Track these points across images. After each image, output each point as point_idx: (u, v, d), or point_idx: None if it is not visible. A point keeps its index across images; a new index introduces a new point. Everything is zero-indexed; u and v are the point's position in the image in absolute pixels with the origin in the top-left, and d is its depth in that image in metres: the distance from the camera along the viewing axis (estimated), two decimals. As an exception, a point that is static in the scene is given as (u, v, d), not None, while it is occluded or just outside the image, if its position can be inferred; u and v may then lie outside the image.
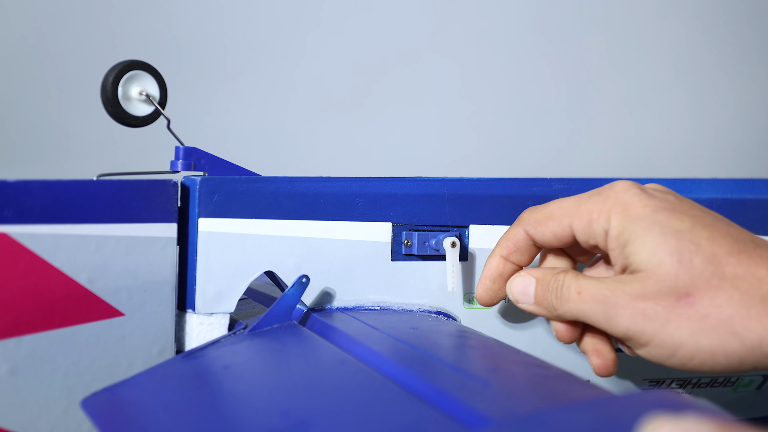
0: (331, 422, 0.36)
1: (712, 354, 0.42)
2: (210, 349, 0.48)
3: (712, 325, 0.42)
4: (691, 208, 0.46)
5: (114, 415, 0.41)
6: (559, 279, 0.48)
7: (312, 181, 0.54)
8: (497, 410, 0.35)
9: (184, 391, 0.45)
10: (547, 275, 0.49)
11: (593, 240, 0.47)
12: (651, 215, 0.44)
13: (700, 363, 0.43)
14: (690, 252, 0.43)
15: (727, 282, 0.42)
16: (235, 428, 0.36)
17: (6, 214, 0.45)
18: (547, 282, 0.49)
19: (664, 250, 0.43)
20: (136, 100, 0.54)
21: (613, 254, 0.46)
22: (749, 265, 0.42)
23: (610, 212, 0.46)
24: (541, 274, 0.50)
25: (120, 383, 0.44)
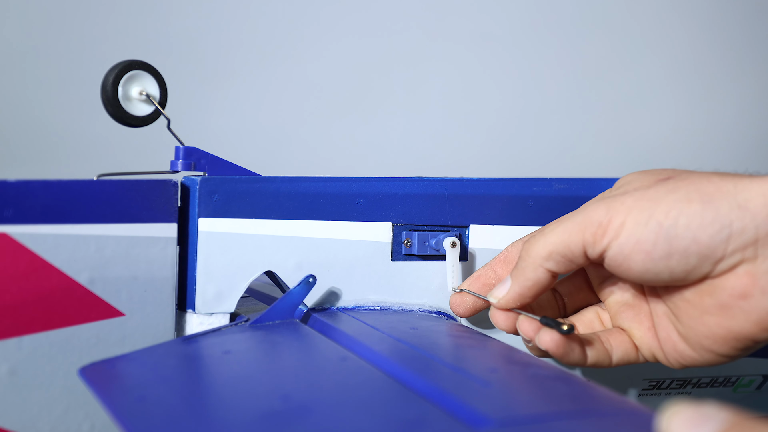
0: (332, 411, 0.36)
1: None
2: (211, 335, 0.49)
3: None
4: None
5: (112, 384, 0.41)
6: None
7: (312, 181, 0.54)
8: (497, 410, 0.35)
9: (183, 369, 0.45)
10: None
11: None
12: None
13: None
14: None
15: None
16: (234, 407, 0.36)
17: (6, 214, 0.45)
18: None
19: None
20: (136, 100, 0.54)
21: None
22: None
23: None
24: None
25: (119, 357, 0.44)
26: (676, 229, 0.43)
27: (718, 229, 0.42)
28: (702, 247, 0.42)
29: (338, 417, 0.35)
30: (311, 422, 0.35)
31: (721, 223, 0.42)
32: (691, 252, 0.43)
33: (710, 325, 0.44)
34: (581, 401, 0.38)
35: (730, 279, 0.43)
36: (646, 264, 0.44)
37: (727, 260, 0.42)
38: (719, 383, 0.62)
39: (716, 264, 0.43)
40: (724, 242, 0.42)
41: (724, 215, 0.42)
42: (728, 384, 0.62)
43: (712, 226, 0.42)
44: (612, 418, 0.35)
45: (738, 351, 0.45)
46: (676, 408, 0.29)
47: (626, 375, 0.60)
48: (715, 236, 0.42)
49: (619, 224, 0.44)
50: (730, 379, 0.62)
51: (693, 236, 0.42)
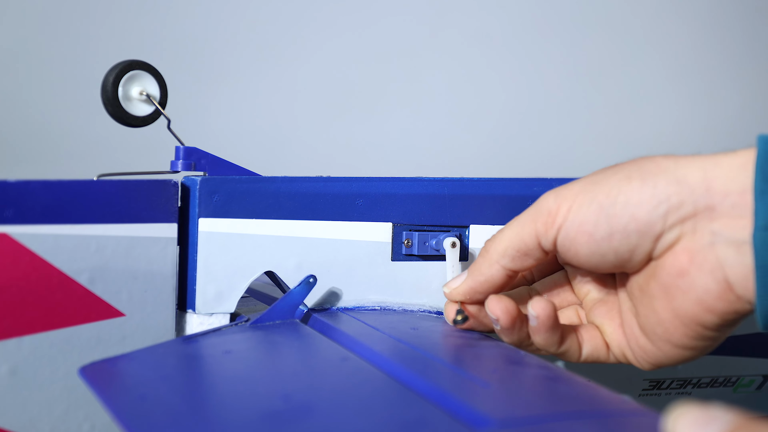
0: (333, 411, 0.36)
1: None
2: (211, 335, 0.49)
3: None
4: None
5: (112, 383, 0.41)
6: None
7: (312, 181, 0.54)
8: (497, 411, 0.35)
9: (183, 368, 0.45)
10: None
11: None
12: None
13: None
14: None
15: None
16: (235, 406, 0.36)
17: (6, 214, 0.45)
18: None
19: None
20: (136, 100, 0.54)
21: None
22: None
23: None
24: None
25: (119, 356, 0.44)
26: (614, 208, 0.43)
27: (655, 205, 0.42)
28: (641, 224, 0.42)
29: (339, 417, 0.35)
30: (312, 422, 0.35)
31: (659, 198, 0.42)
32: (631, 229, 0.43)
33: (658, 311, 0.44)
34: (582, 402, 0.38)
35: (669, 258, 0.43)
36: (590, 246, 0.44)
37: (667, 236, 0.42)
38: (719, 383, 0.62)
39: (656, 241, 0.43)
40: (662, 217, 0.42)
41: (662, 190, 0.42)
42: (728, 384, 0.62)
43: (650, 201, 0.42)
44: (612, 418, 0.35)
45: (692, 340, 0.44)
46: (681, 409, 0.29)
47: (626, 375, 0.60)
48: (652, 212, 0.42)
49: (566, 209, 0.45)
50: (730, 379, 0.62)
51: (631, 213, 0.42)
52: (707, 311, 0.42)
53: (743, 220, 0.41)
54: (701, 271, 0.42)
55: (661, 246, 0.43)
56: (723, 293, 0.41)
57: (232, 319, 0.52)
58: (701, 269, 0.42)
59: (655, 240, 0.43)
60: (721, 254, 0.41)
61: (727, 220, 0.41)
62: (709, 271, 0.41)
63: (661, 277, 0.43)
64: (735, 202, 0.41)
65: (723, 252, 0.41)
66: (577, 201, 0.44)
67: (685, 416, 0.29)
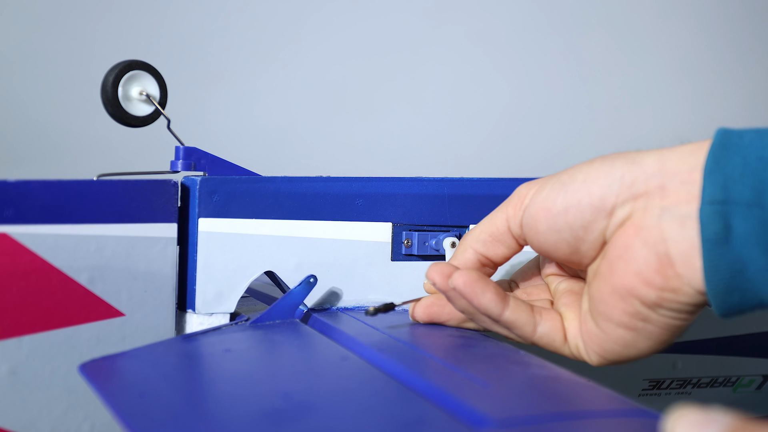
0: (333, 409, 0.36)
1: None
2: (211, 334, 0.49)
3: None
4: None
5: (112, 381, 0.41)
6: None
7: (312, 181, 0.54)
8: (497, 410, 0.35)
9: (183, 366, 0.45)
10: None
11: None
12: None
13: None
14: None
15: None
16: (235, 404, 0.36)
17: (6, 214, 0.45)
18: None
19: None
20: (136, 100, 0.54)
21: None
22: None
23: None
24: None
25: (119, 354, 0.44)
26: (573, 184, 0.45)
27: (610, 182, 0.44)
28: (594, 198, 0.44)
29: (338, 416, 0.35)
30: (311, 421, 0.35)
31: (614, 176, 0.44)
32: (585, 204, 0.44)
33: (601, 288, 0.45)
34: (582, 402, 0.38)
35: (619, 235, 0.44)
36: (548, 221, 0.45)
37: (618, 212, 0.44)
38: (719, 383, 0.62)
39: (609, 216, 0.44)
40: (615, 193, 0.44)
41: (618, 169, 0.44)
42: (728, 384, 0.62)
43: (605, 178, 0.44)
44: (612, 418, 0.35)
45: (631, 318, 0.44)
46: (681, 411, 0.29)
47: (626, 375, 0.60)
48: (606, 188, 0.44)
49: (534, 191, 0.47)
50: (730, 379, 0.62)
51: (587, 189, 0.44)
52: (644, 284, 0.43)
53: (690, 196, 0.42)
54: (644, 244, 0.43)
55: (613, 223, 0.44)
56: (662, 268, 0.42)
57: (232, 318, 0.52)
58: (645, 242, 0.43)
59: (608, 216, 0.44)
60: (666, 228, 0.42)
61: (675, 197, 0.42)
62: (652, 244, 0.43)
63: (609, 254, 0.45)
64: (684, 179, 0.42)
65: (668, 226, 0.42)
66: (544, 184, 0.47)
67: (684, 418, 0.29)
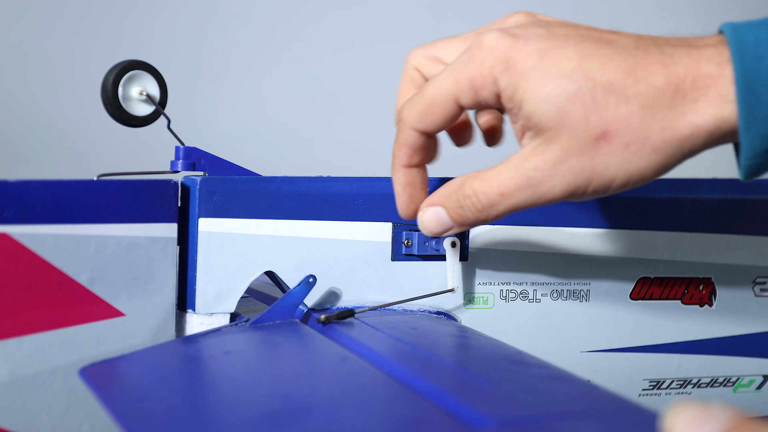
0: (333, 410, 0.36)
1: (642, 175, 0.43)
2: (211, 336, 0.49)
3: (635, 150, 0.42)
4: (566, 33, 0.44)
5: (112, 384, 0.41)
6: (466, 192, 0.46)
7: (312, 181, 0.54)
8: (497, 410, 0.35)
9: (183, 369, 0.45)
10: (451, 195, 0.46)
11: (487, 104, 0.45)
12: (537, 64, 0.42)
13: (634, 184, 0.43)
14: (590, 90, 0.42)
15: (633, 104, 0.42)
16: (234, 407, 0.36)
17: (7, 214, 0.45)
18: (457, 201, 0.46)
19: (565, 99, 0.42)
20: (136, 100, 0.54)
21: (512, 114, 0.44)
22: (646, 78, 0.42)
23: (493, 74, 0.43)
24: (444, 196, 0.47)
25: (119, 357, 0.44)
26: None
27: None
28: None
29: (339, 417, 0.35)
30: (312, 422, 0.35)
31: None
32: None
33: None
34: (581, 401, 0.38)
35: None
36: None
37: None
38: (719, 383, 0.62)
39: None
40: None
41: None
42: (728, 384, 0.62)
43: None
44: (613, 418, 0.35)
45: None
46: (679, 407, 0.29)
47: (626, 375, 0.60)
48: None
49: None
50: (730, 379, 0.62)
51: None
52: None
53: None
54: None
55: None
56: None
57: (231, 319, 0.52)
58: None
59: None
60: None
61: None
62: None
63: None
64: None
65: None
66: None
67: (683, 414, 0.29)
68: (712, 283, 0.61)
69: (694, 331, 0.61)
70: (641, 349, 0.60)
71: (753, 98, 0.41)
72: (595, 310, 0.59)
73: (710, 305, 0.61)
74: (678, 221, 0.60)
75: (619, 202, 0.58)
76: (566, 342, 0.58)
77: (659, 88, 0.42)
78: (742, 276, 0.61)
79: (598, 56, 0.42)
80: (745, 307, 0.62)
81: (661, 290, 0.60)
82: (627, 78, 0.42)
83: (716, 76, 0.41)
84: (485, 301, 0.57)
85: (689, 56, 0.42)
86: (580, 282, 0.58)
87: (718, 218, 0.60)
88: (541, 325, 0.58)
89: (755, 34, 0.41)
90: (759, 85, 0.41)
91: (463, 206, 0.46)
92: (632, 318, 0.59)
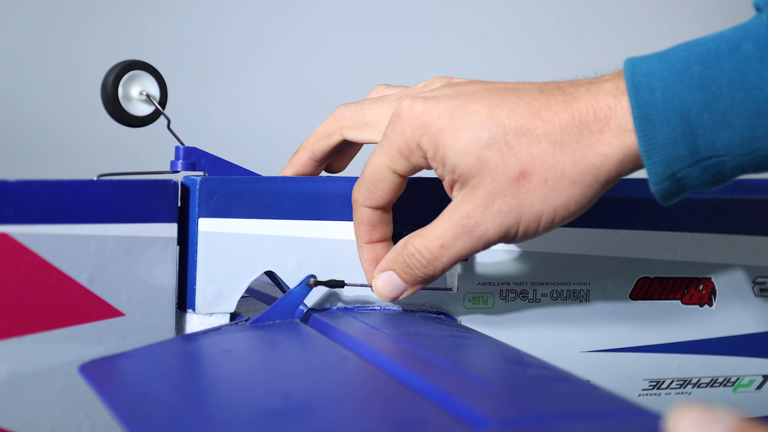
0: (333, 409, 0.36)
1: (566, 207, 0.46)
2: (211, 334, 0.49)
3: (553, 185, 0.45)
4: (473, 90, 0.47)
5: (112, 381, 0.41)
6: (410, 250, 0.49)
7: (312, 181, 0.54)
8: (497, 410, 0.35)
9: (183, 367, 0.45)
10: (398, 258, 0.49)
11: (420, 167, 0.48)
12: (450, 122, 0.46)
13: (561, 218, 0.46)
14: (502, 136, 0.45)
15: (543, 142, 0.45)
16: (234, 405, 0.36)
17: (6, 214, 0.45)
18: (403, 262, 0.49)
19: (481, 148, 0.45)
20: (136, 100, 0.54)
21: (438, 172, 0.47)
22: (551, 117, 0.45)
23: (415, 140, 0.47)
24: (391, 260, 0.50)
25: (119, 354, 0.44)
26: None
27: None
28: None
29: (338, 416, 0.35)
30: (311, 421, 0.35)
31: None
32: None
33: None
34: (581, 401, 0.38)
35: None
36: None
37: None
38: (719, 383, 0.62)
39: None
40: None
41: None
42: (728, 384, 0.62)
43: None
44: (613, 418, 0.35)
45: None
46: (683, 408, 0.29)
47: (626, 375, 0.60)
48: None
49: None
50: (730, 379, 0.62)
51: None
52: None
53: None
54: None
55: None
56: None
57: (231, 318, 0.52)
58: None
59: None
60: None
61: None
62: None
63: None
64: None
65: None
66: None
67: (686, 416, 0.29)
68: (712, 283, 0.61)
69: (694, 331, 0.61)
70: (641, 349, 0.60)
71: (650, 127, 0.43)
72: (595, 310, 0.59)
73: (710, 305, 0.61)
74: (678, 221, 0.60)
75: (619, 202, 0.58)
76: (566, 342, 0.58)
77: (565, 124, 0.45)
78: (742, 276, 0.61)
79: (505, 105, 0.46)
80: (745, 307, 0.62)
81: (661, 290, 0.60)
82: (534, 120, 0.45)
83: (614, 108, 0.44)
84: (485, 301, 0.57)
85: (588, 92, 0.45)
86: (580, 282, 0.58)
87: (718, 218, 0.60)
88: (541, 325, 0.58)
89: (648, 67, 0.44)
90: (654, 115, 0.43)
91: (410, 265, 0.49)
92: (632, 318, 0.59)
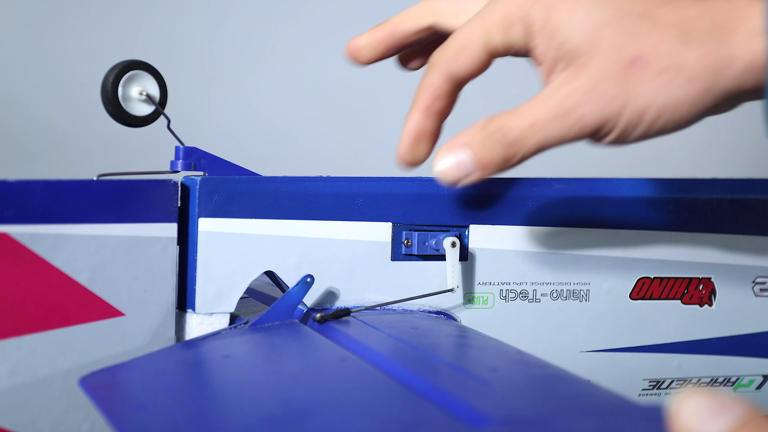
0: (333, 413, 0.36)
1: (675, 107, 0.41)
2: (211, 339, 0.49)
3: (670, 78, 0.41)
4: None
5: (112, 394, 0.41)
6: (493, 128, 0.43)
7: (312, 181, 0.54)
8: (497, 410, 0.35)
9: (183, 375, 0.45)
10: (479, 132, 0.44)
11: (515, 47, 0.44)
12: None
13: (666, 121, 0.42)
14: (623, 16, 0.41)
15: (667, 30, 0.41)
16: (234, 413, 0.36)
17: (6, 214, 0.45)
18: (481, 141, 0.43)
19: (598, 24, 0.41)
20: (136, 100, 0.54)
21: (540, 50, 0.43)
22: (681, 7, 0.41)
23: (523, 9, 0.43)
24: (470, 135, 0.44)
25: (119, 365, 0.44)
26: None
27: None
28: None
29: (338, 419, 0.35)
30: (311, 425, 0.35)
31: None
32: None
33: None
34: (582, 401, 0.38)
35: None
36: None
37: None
38: (719, 383, 0.62)
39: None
40: None
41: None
42: (728, 384, 0.62)
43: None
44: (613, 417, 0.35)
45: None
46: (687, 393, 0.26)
47: (626, 375, 0.60)
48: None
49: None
50: (730, 379, 0.62)
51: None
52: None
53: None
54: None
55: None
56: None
57: (231, 320, 0.52)
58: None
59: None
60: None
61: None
62: None
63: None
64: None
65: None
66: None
67: (691, 402, 0.26)
68: (712, 283, 0.61)
69: (694, 331, 0.61)
70: (641, 349, 0.60)
71: None
72: (595, 310, 0.59)
73: (710, 305, 0.61)
74: (678, 221, 0.60)
75: (620, 202, 0.58)
76: (566, 342, 0.58)
77: (695, 17, 0.41)
78: (742, 276, 0.61)
79: None
80: (745, 307, 0.62)
81: (661, 290, 0.60)
82: (662, 6, 0.41)
83: (748, 10, 0.40)
84: (485, 301, 0.57)
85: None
86: (580, 282, 0.58)
87: (718, 218, 0.60)
88: (541, 325, 0.58)
89: None
90: None
91: (488, 144, 0.43)
92: (632, 318, 0.59)
